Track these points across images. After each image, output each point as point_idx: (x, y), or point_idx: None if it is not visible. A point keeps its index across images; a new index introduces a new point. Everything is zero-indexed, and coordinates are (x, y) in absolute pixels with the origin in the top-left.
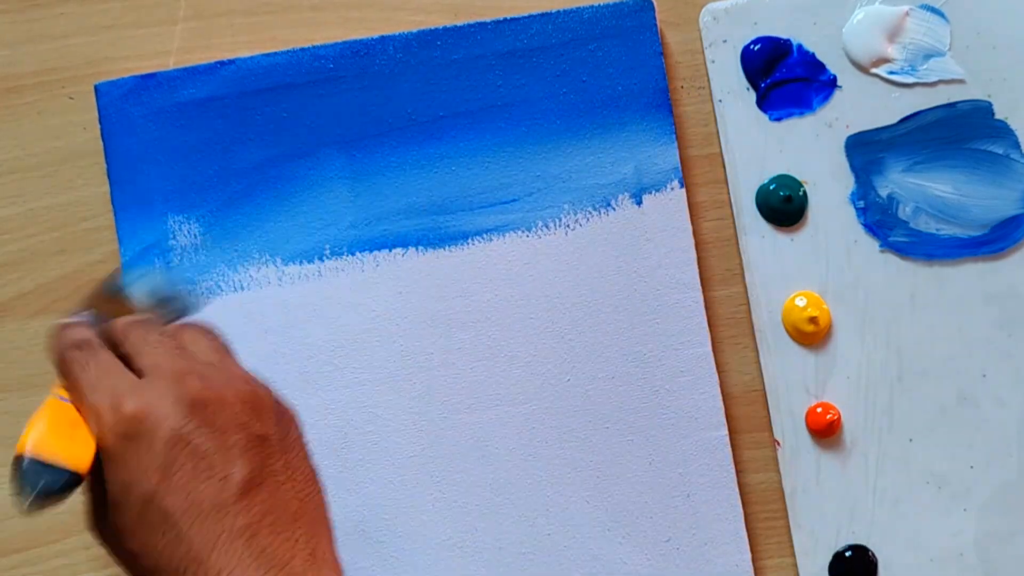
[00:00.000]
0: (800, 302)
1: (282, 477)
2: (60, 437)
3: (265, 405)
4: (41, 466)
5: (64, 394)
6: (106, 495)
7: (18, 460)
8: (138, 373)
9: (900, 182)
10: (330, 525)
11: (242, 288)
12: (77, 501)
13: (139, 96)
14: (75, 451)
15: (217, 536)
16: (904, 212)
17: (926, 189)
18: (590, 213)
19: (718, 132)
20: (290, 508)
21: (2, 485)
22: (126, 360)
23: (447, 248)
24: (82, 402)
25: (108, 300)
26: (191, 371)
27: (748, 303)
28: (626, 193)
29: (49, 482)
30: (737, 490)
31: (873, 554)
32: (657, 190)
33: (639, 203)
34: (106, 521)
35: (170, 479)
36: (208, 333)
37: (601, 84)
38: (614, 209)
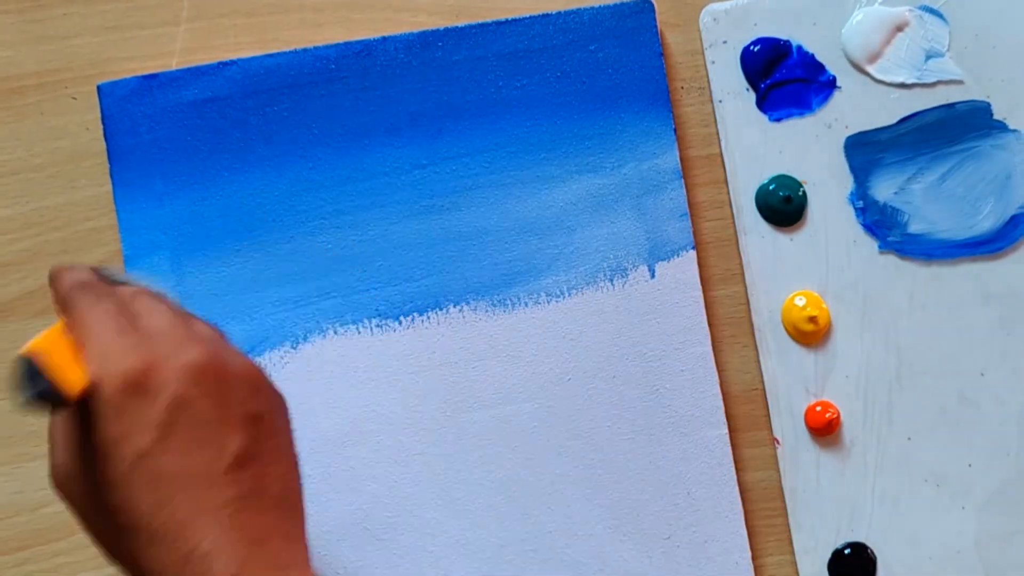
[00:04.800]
0: (800, 302)
1: (270, 458)
2: (59, 358)
3: (263, 386)
4: (36, 372)
5: (53, 330)
6: (84, 446)
7: (19, 360)
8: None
9: (899, 182)
10: (304, 512)
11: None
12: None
13: (142, 96)
14: (68, 377)
15: (203, 504)
16: (903, 212)
17: (925, 189)
18: (591, 212)
19: (718, 132)
20: (273, 490)
21: (5, 483)
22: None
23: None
24: (85, 343)
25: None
26: (198, 340)
27: (748, 303)
28: (627, 193)
29: (43, 391)
30: (737, 488)
31: (872, 552)
32: (658, 192)
33: (640, 204)
34: (78, 473)
35: (167, 440)
36: (202, 319)
37: (601, 85)
38: (615, 209)
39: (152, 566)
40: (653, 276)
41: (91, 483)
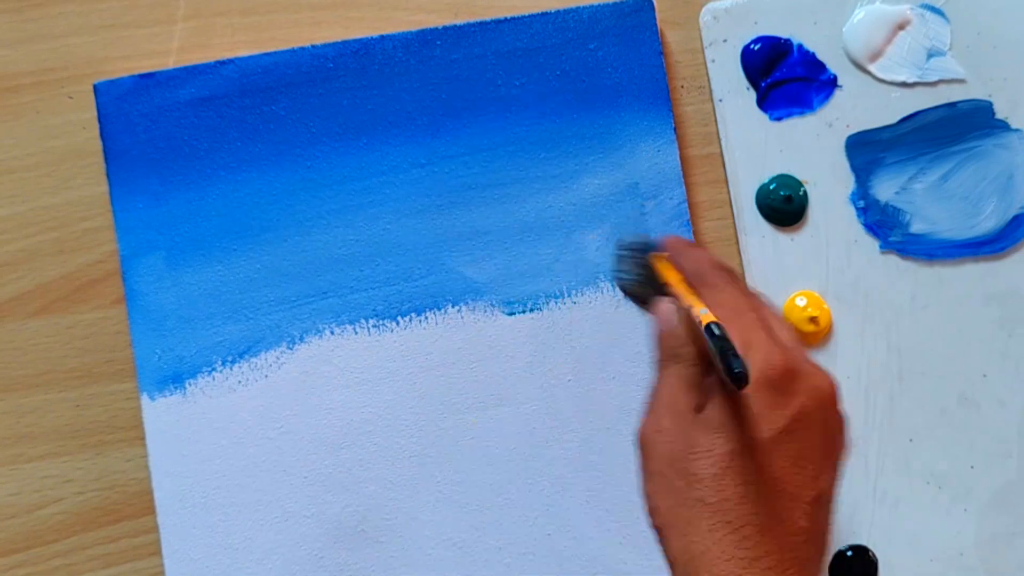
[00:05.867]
0: (800, 302)
1: (831, 508)
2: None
3: (846, 439)
4: (733, 349)
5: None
6: (684, 412)
7: (715, 333)
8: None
9: (900, 182)
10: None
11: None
12: (76, 501)
13: (138, 95)
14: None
15: (780, 523)
16: (904, 212)
17: (927, 189)
18: (591, 212)
19: (718, 132)
20: (823, 540)
21: (2, 484)
22: None
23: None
24: (736, 324)
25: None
26: (821, 369)
27: None
28: (627, 193)
29: (742, 370)
30: None
31: (874, 554)
32: (658, 191)
33: (640, 204)
34: (670, 435)
35: (779, 444)
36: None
37: (601, 84)
38: (615, 209)
39: (703, 542)
40: None
41: (675, 447)
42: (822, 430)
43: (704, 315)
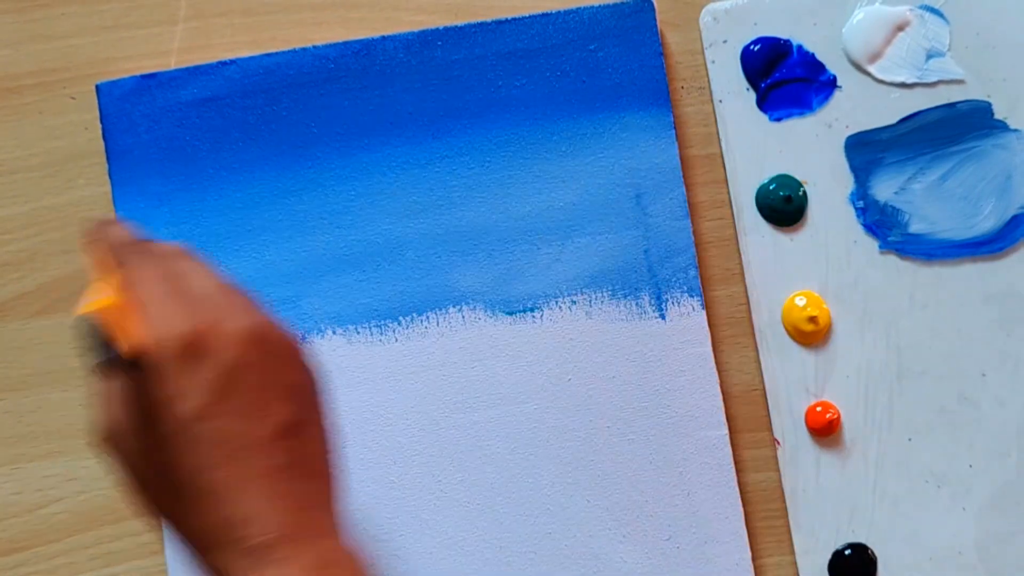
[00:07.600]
0: (800, 302)
1: (311, 429)
2: (117, 318)
3: (302, 357)
4: (98, 335)
5: (105, 287)
6: (138, 403)
7: (82, 321)
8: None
9: (900, 182)
10: (340, 483)
11: None
12: (78, 500)
13: (140, 96)
14: (126, 338)
15: (248, 470)
16: (904, 212)
17: (926, 189)
18: (591, 212)
19: (718, 132)
20: (313, 460)
21: (4, 484)
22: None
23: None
24: (140, 305)
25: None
26: (246, 306)
27: (748, 303)
28: (627, 193)
29: (112, 356)
30: (737, 489)
31: (873, 553)
32: (658, 192)
33: (640, 204)
34: (131, 430)
35: (219, 404)
36: (238, 284)
37: (601, 84)
38: (615, 209)
39: (194, 525)
40: (653, 276)
41: (142, 440)
42: (260, 368)
43: (83, 306)
